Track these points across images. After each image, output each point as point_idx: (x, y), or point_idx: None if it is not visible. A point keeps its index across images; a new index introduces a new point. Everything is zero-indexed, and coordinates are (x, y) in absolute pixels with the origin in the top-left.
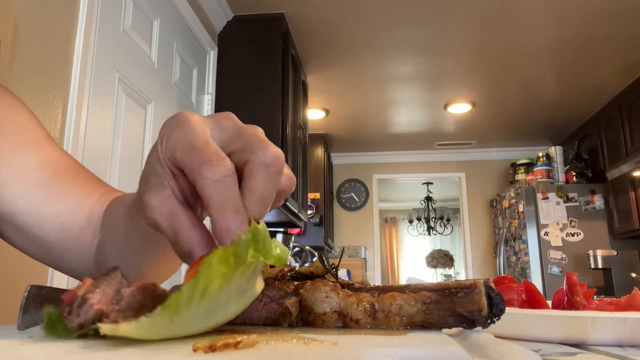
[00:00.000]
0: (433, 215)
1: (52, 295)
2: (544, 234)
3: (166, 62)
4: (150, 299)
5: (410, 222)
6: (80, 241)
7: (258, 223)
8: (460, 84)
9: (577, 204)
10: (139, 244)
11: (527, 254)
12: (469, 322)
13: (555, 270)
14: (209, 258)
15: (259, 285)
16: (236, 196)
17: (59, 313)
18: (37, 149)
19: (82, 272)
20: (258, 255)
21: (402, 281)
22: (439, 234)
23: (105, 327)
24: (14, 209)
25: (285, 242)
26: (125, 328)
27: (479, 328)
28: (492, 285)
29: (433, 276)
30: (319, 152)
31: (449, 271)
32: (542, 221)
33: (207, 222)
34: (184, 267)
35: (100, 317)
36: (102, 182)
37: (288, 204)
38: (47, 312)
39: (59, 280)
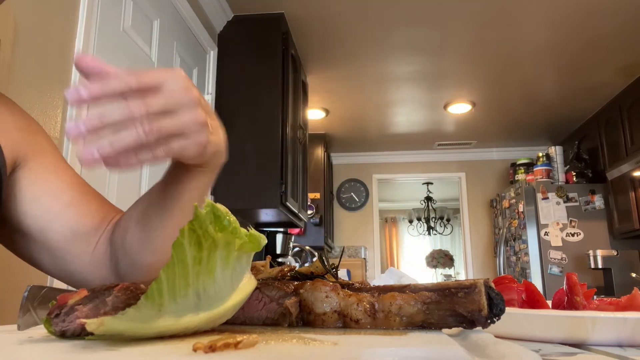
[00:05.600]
0: (433, 215)
1: (52, 296)
2: (544, 234)
3: (166, 62)
4: (135, 298)
5: (410, 222)
6: (90, 243)
7: None
8: (460, 84)
9: (577, 204)
10: (160, 212)
11: (527, 254)
12: (469, 322)
13: (555, 270)
14: (178, 239)
15: (251, 280)
16: None
17: (48, 313)
18: (64, 167)
19: (83, 273)
20: (226, 232)
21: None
22: (439, 234)
23: (91, 324)
24: (47, 226)
25: (285, 242)
26: (111, 322)
27: (479, 328)
28: (492, 285)
29: (433, 276)
30: (319, 152)
31: (449, 271)
32: (542, 221)
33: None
34: None
35: (82, 331)
36: (107, 201)
37: (288, 204)
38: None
39: (59, 280)
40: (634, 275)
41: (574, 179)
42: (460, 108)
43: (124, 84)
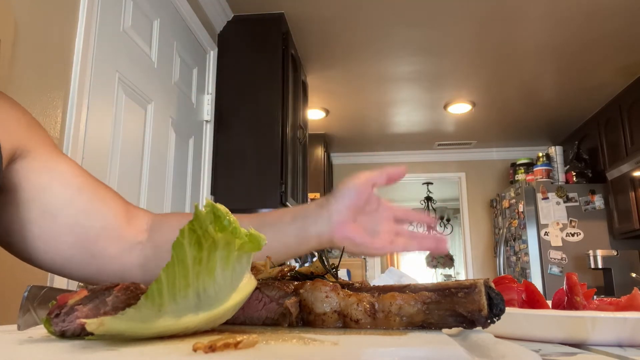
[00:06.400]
0: (433, 215)
1: (51, 296)
2: (544, 234)
3: (166, 62)
4: (135, 298)
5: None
6: (122, 238)
7: None
8: (460, 84)
9: (577, 204)
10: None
11: (527, 254)
12: (469, 322)
13: (555, 270)
14: (178, 239)
15: (251, 281)
16: None
17: (48, 313)
18: (66, 157)
19: (118, 269)
20: (226, 232)
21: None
22: (439, 234)
23: (91, 324)
24: (59, 212)
25: None
26: (111, 322)
27: (479, 328)
28: (492, 285)
29: (433, 276)
30: (319, 152)
31: (449, 271)
32: (542, 221)
33: None
34: None
35: (82, 331)
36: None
37: (288, 204)
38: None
39: (59, 280)
40: (634, 275)
41: (574, 179)
42: (460, 108)
43: None
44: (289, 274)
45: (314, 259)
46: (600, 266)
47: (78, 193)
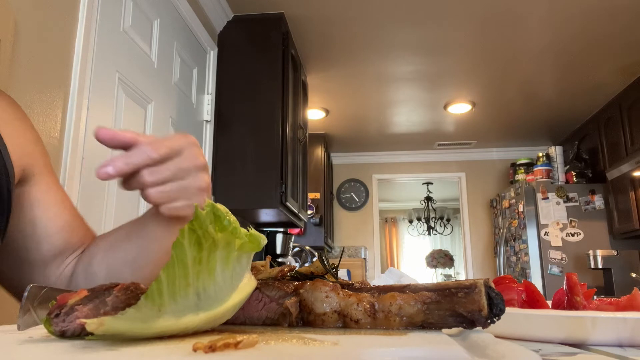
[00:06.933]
0: (433, 215)
1: (52, 296)
2: (544, 234)
3: (166, 62)
4: (135, 298)
5: (410, 222)
6: (61, 265)
7: None
8: (460, 84)
9: (577, 204)
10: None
11: (527, 254)
12: (469, 322)
13: (555, 270)
14: (178, 239)
15: (251, 281)
16: None
17: (48, 313)
18: (58, 187)
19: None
20: (226, 232)
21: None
22: (439, 234)
23: (91, 324)
24: (35, 246)
25: (285, 242)
26: (111, 322)
27: (479, 328)
28: (492, 285)
29: (433, 276)
30: (319, 152)
31: (449, 271)
32: (542, 221)
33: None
34: None
35: (82, 331)
36: (88, 227)
37: (288, 204)
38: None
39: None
40: (634, 275)
41: (574, 179)
42: (460, 108)
43: (146, 158)
44: (289, 274)
45: (314, 259)
46: (600, 266)
47: (58, 233)
